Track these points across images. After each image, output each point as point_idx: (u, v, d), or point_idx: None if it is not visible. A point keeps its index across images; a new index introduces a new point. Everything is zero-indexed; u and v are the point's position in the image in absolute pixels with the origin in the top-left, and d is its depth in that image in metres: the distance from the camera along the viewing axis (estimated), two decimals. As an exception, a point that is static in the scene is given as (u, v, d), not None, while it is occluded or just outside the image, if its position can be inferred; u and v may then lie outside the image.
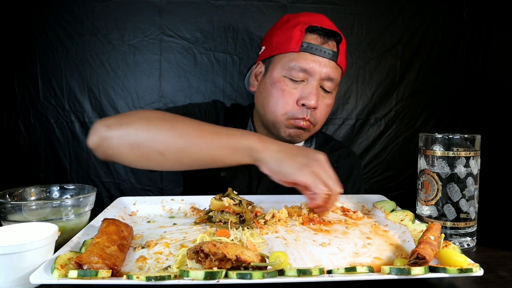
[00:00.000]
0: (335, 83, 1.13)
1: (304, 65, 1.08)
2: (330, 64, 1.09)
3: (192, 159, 0.86)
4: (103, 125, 0.85)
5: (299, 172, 0.80)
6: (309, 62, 1.08)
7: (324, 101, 1.13)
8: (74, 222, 0.78)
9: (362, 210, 0.96)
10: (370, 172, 1.84)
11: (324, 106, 1.13)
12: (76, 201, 0.80)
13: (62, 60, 1.66)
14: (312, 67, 1.08)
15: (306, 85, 1.09)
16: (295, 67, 1.08)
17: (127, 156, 0.85)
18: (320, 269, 0.57)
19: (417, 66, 1.81)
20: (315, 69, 1.08)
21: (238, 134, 0.87)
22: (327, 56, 1.08)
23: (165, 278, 0.54)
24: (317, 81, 1.09)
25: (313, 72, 1.08)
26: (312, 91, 1.08)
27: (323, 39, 1.10)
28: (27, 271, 0.57)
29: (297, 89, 1.09)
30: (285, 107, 1.10)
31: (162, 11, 1.67)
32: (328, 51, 1.09)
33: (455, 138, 0.77)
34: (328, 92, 1.13)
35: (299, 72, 1.08)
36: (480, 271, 0.57)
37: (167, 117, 0.90)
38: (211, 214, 0.86)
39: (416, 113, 1.84)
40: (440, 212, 0.79)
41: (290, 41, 1.10)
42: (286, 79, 1.10)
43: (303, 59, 1.08)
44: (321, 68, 1.08)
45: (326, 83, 1.11)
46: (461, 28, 1.80)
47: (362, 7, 1.75)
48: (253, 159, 0.84)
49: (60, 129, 1.70)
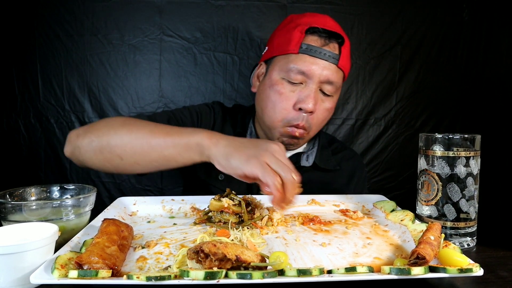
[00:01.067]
0: (336, 87, 1.09)
1: (302, 67, 1.05)
2: (330, 67, 1.06)
3: (147, 161, 0.89)
4: (74, 134, 0.95)
5: (246, 164, 0.77)
6: (308, 65, 1.05)
7: (323, 105, 1.09)
8: (74, 222, 0.78)
9: (362, 210, 0.96)
10: (370, 172, 1.84)
11: (322, 110, 1.10)
12: (76, 201, 0.80)
13: (62, 60, 1.66)
14: (311, 70, 1.04)
15: (304, 88, 1.06)
16: (293, 69, 1.05)
17: (94, 161, 0.93)
18: (320, 269, 0.57)
19: (417, 66, 1.81)
20: (314, 72, 1.04)
21: (187, 132, 0.88)
22: (327, 58, 1.05)
23: (165, 278, 0.54)
24: (316, 84, 1.06)
25: (312, 74, 1.05)
26: (310, 94, 1.05)
27: (324, 41, 1.06)
28: (27, 271, 0.57)
29: (295, 92, 1.07)
30: (282, 113, 1.08)
31: (162, 11, 1.67)
32: (328, 53, 1.05)
33: (455, 138, 0.77)
34: (328, 95, 1.09)
35: (297, 74, 1.05)
36: (480, 271, 0.57)
37: (127, 122, 0.95)
38: (210, 215, 0.86)
39: (416, 113, 1.84)
40: (440, 212, 0.79)
41: (290, 42, 1.07)
42: (284, 81, 1.08)
43: (301, 61, 1.05)
44: (321, 71, 1.05)
45: (326, 86, 1.07)
46: (461, 28, 1.80)
47: (362, 7, 1.75)
48: (204, 156, 0.84)
49: (60, 129, 1.70)
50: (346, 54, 1.09)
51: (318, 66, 1.05)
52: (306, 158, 1.19)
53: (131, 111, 1.73)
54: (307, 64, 1.05)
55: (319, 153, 1.20)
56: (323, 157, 1.21)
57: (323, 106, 1.09)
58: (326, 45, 1.06)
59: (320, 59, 1.05)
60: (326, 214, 0.94)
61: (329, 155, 1.23)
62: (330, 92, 1.08)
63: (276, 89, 1.08)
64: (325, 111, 1.11)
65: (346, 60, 1.10)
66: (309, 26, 1.06)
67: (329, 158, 1.22)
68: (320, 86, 1.07)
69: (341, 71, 1.10)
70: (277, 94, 1.08)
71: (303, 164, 1.18)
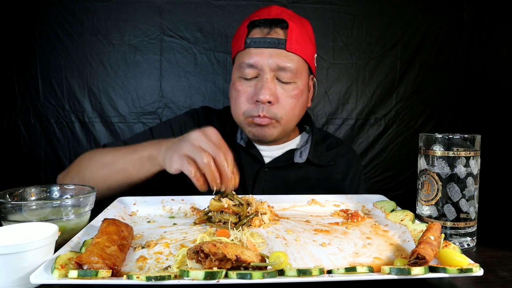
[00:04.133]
0: (293, 72, 1.07)
1: (250, 61, 1.06)
2: (277, 53, 1.04)
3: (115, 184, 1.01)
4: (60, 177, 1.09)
5: (172, 163, 0.83)
6: (253, 56, 1.05)
7: (285, 93, 1.08)
8: (74, 222, 0.78)
9: (362, 210, 0.96)
10: (370, 172, 1.84)
11: (286, 98, 1.08)
12: (76, 201, 0.80)
13: (62, 60, 1.66)
14: (257, 61, 1.05)
15: (259, 81, 1.07)
16: (243, 65, 1.07)
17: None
18: (320, 269, 0.57)
19: (417, 66, 1.81)
20: (261, 62, 1.05)
21: (140, 148, 0.97)
22: (272, 45, 1.04)
23: (165, 278, 0.54)
24: (269, 73, 1.05)
25: (260, 65, 1.05)
26: (264, 85, 1.05)
27: (267, 31, 1.06)
28: (27, 271, 0.57)
29: (251, 86, 1.08)
30: (241, 107, 1.10)
31: (162, 11, 1.67)
32: (272, 40, 1.04)
33: (455, 138, 0.77)
34: (287, 83, 1.08)
35: (247, 69, 1.07)
36: (480, 271, 0.57)
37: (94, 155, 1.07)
38: (210, 215, 0.86)
39: (416, 113, 1.84)
40: (440, 212, 0.79)
41: (238, 41, 1.10)
42: (240, 79, 1.10)
43: (248, 55, 1.06)
44: (267, 60, 1.04)
45: (281, 73, 1.06)
46: (461, 28, 1.81)
47: (362, 7, 1.75)
48: (157, 165, 0.92)
49: (60, 129, 1.70)
50: (295, 37, 1.07)
51: (263, 56, 1.05)
52: (299, 155, 1.19)
53: (131, 111, 1.73)
54: (252, 56, 1.06)
55: (312, 149, 1.20)
56: (317, 153, 1.21)
57: (286, 94, 1.08)
58: (269, 34, 1.06)
59: (266, 48, 1.05)
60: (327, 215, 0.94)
61: (323, 151, 1.23)
62: (288, 78, 1.07)
63: (234, 88, 1.12)
64: (290, 98, 1.09)
65: (298, 42, 1.07)
66: (250, 20, 1.08)
67: (323, 153, 1.22)
68: (276, 75, 1.07)
69: (295, 55, 1.07)
70: (236, 93, 1.11)
71: (297, 160, 1.17)
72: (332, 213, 0.95)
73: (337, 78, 1.80)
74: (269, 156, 1.21)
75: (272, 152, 1.21)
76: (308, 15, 1.72)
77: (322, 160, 1.21)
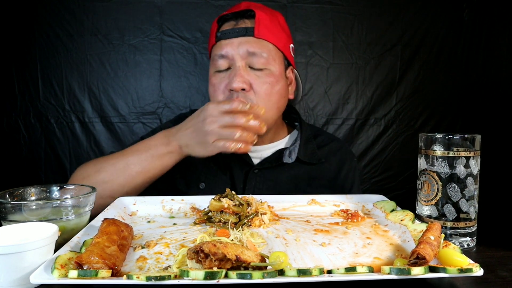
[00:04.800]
0: (265, 58, 1.08)
1: (220, 52, 1.08)
2: (246, 40, 1.07)
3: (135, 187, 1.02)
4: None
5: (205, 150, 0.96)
6: (223, 47, 1.08)
7: (258, 79, 1.07)
8: (74, 222, 0.78)
9: (362, 210, 0.96)
10: (370, 172, 1.84)
11: (261, 84, 1.07)
12: (76, 201, 0.80)
13: (62, 60, 1.66)
14: (227, 50, 1.07)
15: (232, 70, 1.08)
16: (215, 58, 1.10)
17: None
18: (320, 269, 0.57)
19: (417, 66, 1.81)
20: (231, 51, 1.07)
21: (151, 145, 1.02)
22: (240, 34, 1.07)
23: (165, 278, 0.54)
24: (240, 61, 1.07)
25: (230, 54, 1.07)
26: (235, 73, 1.06)
27: (235, 22, 1.09)
28: (27, 271, 0.57)
29: (224, 77, 1.09)
30: (218, 98, 1.11)
31: (162, 11, 1.67)
32: (240, 29, 1.07)
33: (455, 138, 0.77)
34: (260, 69, 1.08)
35: (219, 60, 1.09)
36: (480, 271, 0.57)
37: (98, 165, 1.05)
38: (210, 215, 0.86)
39: (416, 113, 1.84)
40: (440, 212, 0.79)
41: (211, 37, 1.14)
42: (216, 73, 1.12)
43: (219, 47, 1.09)
44: (237, 48, 1.06)
45: (253, 60, 1.07)
46: (461, 28, 1.81)
47: (362, 7, 1.75)
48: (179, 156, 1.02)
49: (60, 129, 1.70)
50: (264, 24, 1.08)
51: (233, 45, 1.07)
52: (288, 154, 1.17)
53: (131, 111, 1.73)
54: (223, 47, 1.08)
55: (302, 147, 1.18)
56: (308, 151, 1.19)
57: (259, 81, 1.08)
58: (238, 25, 1.09)
59: (234, 38, 1.07)
60: (327, 215, 0.94)
61: (314, 149, 1.21)
62: (260, 64, 1.07)
63: (211, 83, 1.14)
64: (265, 84, 1.08)
65: (267, 29, 1.09)
66: (219, 16, 1.12)
67: (314, 151, 1.20)
68: (248, 63, 1.08)
69: (265, 41, 1.08)
70: (212, 87, 1.13)
71: (286, 160, 1.16)
72: (332, 213, 0.95)
73: (337, 78, 1.80)
74: (258, 157, 1.20)
75: (261, 153, 1.20)
76: (308, 15, 1.72)
77: (312, 158, 1.19)
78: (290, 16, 1.71)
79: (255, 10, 1.08)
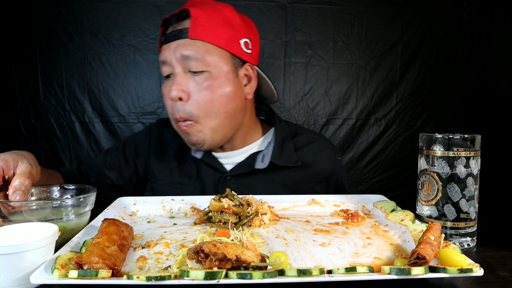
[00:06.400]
0: (201, 60, 0.99)
1: (160, 58, 1.04)
2: (181, 42, 1.00)
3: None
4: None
5: None
6: (163, 53, 1.03)
7: (197, 86, 1.00)
8: (75, 222, 0.78)
9: (362, 210, 0.96)
10: (370, 172, 1.84)
11: (198, 91, 1.00)
12: (77, 201, 0.80)
13: (62, 60, 1.66)
14: (166, 56, 1.02)
15: (172, 77, 1.03)
16: (159, 64, 1.05)
17: None
18: (320, 269, 0.57)
19: (417, 66, 1.81)
20: (169, 56, 1.01)
21: None
22: (176, 37, 1.01)
23: (165, 278, 0.54)
24: (178, 67, 1.01)
25: (168, 60, 1.02)
26: (174, 80, 1.01)
27: (174, 25, 1.03)
28: (27, 271, 0.57)
29: (168, 85, 1.04)
30: (168, 110, 1.06)
31: (162, 11, 1.67)
32: (175, 32, 1.01)
33: (455, 138, 0.77)
34: (197, 72, 1.00)
35: (162, 67, 1.04)
36: (480, 271, 0.57)
37: None
38: (210, 215, 0.86)
39: (416, 113, 1.84)
40: (440, 212, 0.79)
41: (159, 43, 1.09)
42: (164, 81, 1.07)
43: (161, 52, 1.04)
44: (173, 53, 1.00)
45: (190, 63, 1.00)
46: (461, 28, 1.81)
47: (362, 7, 1.75)
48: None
49: (60, 129, 1.70)
50: (200, 23, 1.00)
51: (170, 49, 1.01)
52: (262, 159, 1.10)
53: (131, 111, 1.73)
54: (163, 53, 1.03)
55: (276, 149, 1.10)
56: (283, 153, 1.11)
57: (198, 87, 1.00)
58: (175, 27, 1.03)
59: (172, 42, 1.01)
60: (327, 215, 0.94)
61: (291, 150, 1.12)
62: (197, 67, 1.00)
63: (162, 91, 1.08)
64: (204, 91, 1.00)
65: (204, 28, 1.00)
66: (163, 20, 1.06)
67: (290, 153, 1.12)
68: (186, 67, 1.01)
69: (200, 41, 1.00)
70: (163, 96, 1.07)
71: (258, 166, 1.08)
72: (332, 213, 0.95)
73: (337, 78, 1.80)
74: (231, 163, 1.13)
75: (233, 158, 1.13)
76: (308, 15, 1.72)
77: (288, 161, 1.10)
78: (290, 16, 1.71)
79: (190, 9, 1.00)
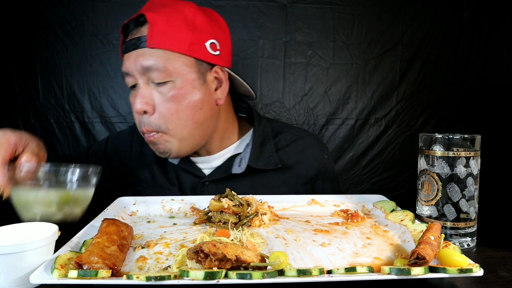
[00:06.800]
0: (162, 70, 0.91)
1: (123, 69, 0.96)
2: (140, 52, 0.92)
3: None
4: None
5: None
6: (125, 63, 0.96)
7: (162, 97, 0.94)
8: (79, 193, 0.75)
9: (362, 210, 0.96)
10: (370, 172, 1.84)
11: (163, 103, 0.94)
12: (83, 171, 0.75)
13: (62, 60, 1.66)
14: (127, 67, 0.94)
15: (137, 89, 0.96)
16: (123, 76, 0.98)
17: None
18: (320, 269, 0.57)
19: (417, 66, 1.81)
20: (130, 67, 0.94)
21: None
22: (135, 47, 0.92)
23: (165, 278, 0.54)
24: (140, 78, 0.94)
25: (130, 71, 0.94)
26: (138, 92, 0.94)
27: (133, 32, 0.95)
28: (27, 271, 0.57)
29: (134, 95, 0.98)
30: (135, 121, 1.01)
31: (162, 11, 1.66)
32: (134, 41, 0.93)
33: (455, 138, 0.77)
34: (161, 83, 0.93)
35: (125, 78, 0.97)
36: (480, 271, 0.57)
37: None
38: (210, 215, 0.86)
39: (416, 113, 1.84)
40: (440, 212, 0.79)
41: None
42: (131, 91, 1.00)
43: (123, 63, 0.97)
44: (134, 64, 0.93)
45: (151, 74, 0.92)
46: (461, 28, 1.80)
47: (362, 7, 1.75)
48: None
49: (60, 129, 1.70)
50: (158, 29, 0.92)
51: (130, 59, 0.93)
52: (239, 163, 1.04)
53: (131, 111, 1.72)
54: (124, 63, 0.96)
55: (254, 151, 1.03)
56: (263, 155, 1.05)
57: (163, 99, 0.94)
58: (133, 35, 0.94)
59: (132, 51, 0.93)
60: (327, 215, 0.94)
61: (271, 151, 1.06)
62: (160, 78, 0.92)
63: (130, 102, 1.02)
64: (168, 102, 0.94)
65: (163, 34, 0.92)
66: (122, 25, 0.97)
67: (270, 155, 1.05)
68: (149, 78, 0.93)
69: (159, 50, 0.92)
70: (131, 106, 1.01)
71: (235, 171, 1.03)
72: (332, 213, 0.95)
73: (337, 78, 1.80)
74: (209, 167, 1.09)
75: (211, 163, 1.09)
76: (308, 15, 1.72)
77: (268, 164, 1.04)
78: (290, 16, 1.71)
79: (146, 14, 0.92)
